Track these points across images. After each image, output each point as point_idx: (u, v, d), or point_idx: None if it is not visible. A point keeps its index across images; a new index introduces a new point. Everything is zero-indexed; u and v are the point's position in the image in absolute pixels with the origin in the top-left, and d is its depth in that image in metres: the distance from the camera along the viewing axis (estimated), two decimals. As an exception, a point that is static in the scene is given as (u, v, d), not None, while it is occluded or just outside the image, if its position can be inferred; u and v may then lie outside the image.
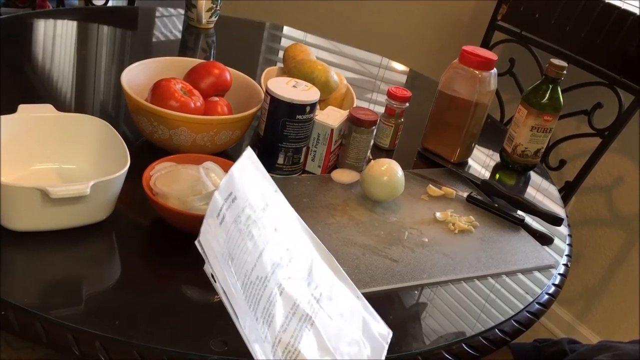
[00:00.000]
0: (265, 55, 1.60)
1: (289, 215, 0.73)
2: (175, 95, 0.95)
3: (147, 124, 0.94)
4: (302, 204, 0.96)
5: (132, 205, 0.87)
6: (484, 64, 1.11)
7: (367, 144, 1.07)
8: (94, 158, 0.88)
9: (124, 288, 0.76)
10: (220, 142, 0.97)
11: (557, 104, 1.18)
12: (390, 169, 0.99)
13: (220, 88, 1.04)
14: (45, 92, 1.15)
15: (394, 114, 1.16)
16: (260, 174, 0.71)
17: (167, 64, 1.08)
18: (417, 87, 1.59)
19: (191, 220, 0.81)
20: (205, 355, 0.67)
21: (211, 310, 0.76)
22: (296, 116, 0.96)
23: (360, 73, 1.64)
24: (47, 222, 0.77)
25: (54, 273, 0.75)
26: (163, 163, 0.87)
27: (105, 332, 0.67)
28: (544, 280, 0.93)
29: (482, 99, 1.13)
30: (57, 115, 0.88)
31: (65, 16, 1.51)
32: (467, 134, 1.17)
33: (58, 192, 0.73)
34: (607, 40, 1.53)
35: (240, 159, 0.67)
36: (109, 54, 1.37)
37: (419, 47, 2.13)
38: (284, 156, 1.00)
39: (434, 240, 0.95)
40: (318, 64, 1.13)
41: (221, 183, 0.63)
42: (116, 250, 0.82)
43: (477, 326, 0.81)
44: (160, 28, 1.56)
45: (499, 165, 1.26)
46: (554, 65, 1.16)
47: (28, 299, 0.69)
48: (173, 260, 0.82)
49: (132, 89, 0.96)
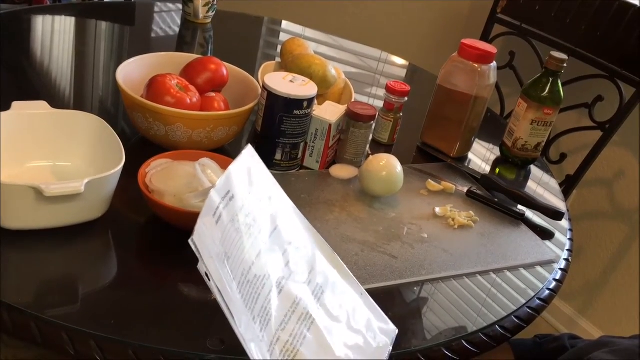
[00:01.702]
0: (263, 50, 1.59)
1: (290, 213, 0.72)
2: (171, 91, 0.94)
3: (143, 120, 0.94)
4: (300, 200, 0.95)
5: (128, 203, 0.86)
6: (484, 57, 1.10)
7: (365, 139, 1.06)
8: (89, 155, 0.87)
9: (120, 287, 0.75)
10: (217, 139, 0.96)
11: (558, 97, 1.17)
12: (389, 164, 0.98)
13: (217, 84, 1.03)
14: (42, 88, 1.14)
15: (392, 108, 1.15)
16: (260, 172, 0.70)
17: (164, 59, 1.07)
18: (416, 81, 1.58)
19: (187, 218, 0.80)
20: (202, 354, 0.66)
21: (208, 308, 0.75)
22: (293, 111, 0.96)
23: (359, 67, 1.63)
24: (42, 221, 0.76)
25: (48, 272, 0.74)
26: (159, 160, 0.87)
27: (101, 332, 0.66)
28: (544, 275, 0.92)
29: (481, 93, 1.12)
30: (52, 112, 0.88)
31: (63, 12, 1.50)
32: (467, 128, 1.16)
33: (52, 191, 0.72)
34: (607, 33, 1.52)
35: (240, 156, 0.67)
36: (106, 50, 1.36)
37: (418, 41, 2.12)
38: (282, 152, 0.99)
39: (434, 236, 0.94)
40: (316, 58, 1.12)
41: (218, 181, 0.63)
42: (112, 249, 0.82)
43: (477, 322, 0.80)
44: (159, 23, 1.56)
45: (499, 160, 1.25)
46: (554, 58, 1.15)
47: (22, 299, 0.68)
48: (169, 258, 0.81)
49: (128, 84, 0.95)
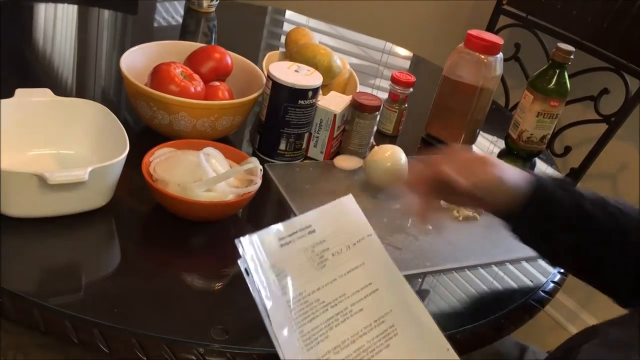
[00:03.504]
0: (267, 40, 1.58)
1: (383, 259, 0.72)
2: (175, 80, 0.93)
3: (147, 109, 0.93)
4: (304, 191, 0.94)
5: (132, 192, 0.86)
6: (490, 48, 1.10)
7: (370, 130, 1.05)
8: (92, 143, 0.87)
9: (123, 275, 0.75)
10: (221, 128, 0.96)
11: (564, 90, 1.16)
12: (393, 155, 0.97)
13: (221, 73, 1.03)
14: (45, 76, 1.13)
15: (397, 99, 1.14)
16: (357, 216, 0.73)
17: (168, 48, 1.07)
18: (421, 73, 1.57)
19: (191, 207, 0.80)
20: (206, 343, 0.66)
21: (212, 298, 0.75)
22: (298, 101, 0.95)
23: (363, 58, 1.62)
24: (45, 209, 0.76)
25: (52, 260, 0.74)
26: (163, 149, 0.86)
27: (104, 320, 0.66)
28: (549, 269, 0.92)
29: (487, 84, 1.12)
30: (55, 99, 0.87)
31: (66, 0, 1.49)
32: (472, 120, 1.15)
33: (56, 178, 0.72)
34: (614, 25, 1.51)
35: (336, 201, 0.72)
36: (109, 39, 1.35)
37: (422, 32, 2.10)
38: (286, 142, 0.98)
39: (439, 228, 0.93)
40: (321, 48, 1.11)
41: (302, 216, 0.68)
42: (115, 237, 0.81)
43: (481, 314, 0.80)
44: (161, 12, 1.55)
45: (503, 152, 1.25)
46: (561, 49, 1.14)
47: (26, 286, 0.68)
48: (173, 247, 0.81)
49: (131, 73, 0.94)
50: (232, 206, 0.83)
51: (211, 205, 0.81)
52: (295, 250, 0.66)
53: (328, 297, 0.65)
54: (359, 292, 0.67)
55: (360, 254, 0.70)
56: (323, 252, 0.68)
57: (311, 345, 0.62)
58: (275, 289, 0.63)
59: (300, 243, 0.67)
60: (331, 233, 0.69)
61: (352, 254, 0.69)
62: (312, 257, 0.67)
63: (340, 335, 0.64)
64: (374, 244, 0.72)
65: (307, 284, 0.65)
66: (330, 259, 0.68)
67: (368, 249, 0.71)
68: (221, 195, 0.81)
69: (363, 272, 0.69)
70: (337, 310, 0.65)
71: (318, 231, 0.68)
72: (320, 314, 0.64)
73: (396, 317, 0.67)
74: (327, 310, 0.65)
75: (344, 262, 0.68)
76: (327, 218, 0.70)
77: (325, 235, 0.68)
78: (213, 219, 0.84)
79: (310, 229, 0.68)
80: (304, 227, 0.68)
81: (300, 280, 0.65)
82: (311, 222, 0.68)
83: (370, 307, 0.67)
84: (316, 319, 0.64)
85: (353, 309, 0.66)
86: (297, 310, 0.63)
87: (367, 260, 0.70)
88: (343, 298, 0.66)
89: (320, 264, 0.67)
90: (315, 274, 0.66)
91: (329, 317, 0.64)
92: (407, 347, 0.66)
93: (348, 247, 0.69)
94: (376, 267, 0.70)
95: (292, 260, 0.66)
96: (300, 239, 0.67)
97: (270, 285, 0.63)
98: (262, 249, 0.65)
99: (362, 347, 0.64)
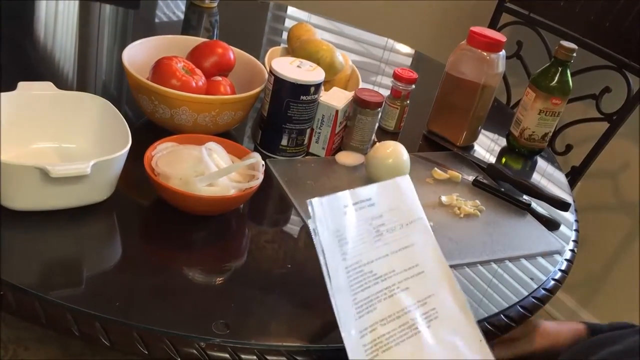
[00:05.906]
0: (268, 36, 1.58)
1: (431, 244, 0.74)
2: (176, 74, 0.93)
3: (148, 103, 0.93)
4: (305, 187, 0.94)
5: (133, 186, 0.86)
6: (493, 45, 1.10)
7: (372, 126, 1.05)
8: (94, 137, 0.87)
9: (125, 269, 0.75)
10: (223, 123, 0.96)
11: (566, 87, 1.16)
12: (395, 152, 0.97)
13: (224, 67, 1.02)
14: (46, 70, 1.13)
15: (399, 95, 1.14)
16: (411, 198, 0.75)
17: (170, 42, 1.07)
18: (422, 69, 1.57)
19: (193, 201, 0.80)
20: (207, 337, 0.66)
21: (213, 292, 0.75)
22: (300, 97, 0.95)
23: (364, 55, 1.62)
24: (47, 202, 0.76)
25: (53, 253, 0.74)
26: (165, 143, 0.86)
27: (105, 313, 0.66)
28: (549, 266, 0.92)
29: (489, 82, 1.12)
30: (58, 93, 0.87)
31: (67, -6, 1.49)
32: (474, 117, 1.15)
33: (58, 172, 0.72)
34: (616, 23, 1.51)
35: (394, 179, 0.74)
36: (110, 33, 1.35)
37: (424, 29, 2.10)
38: (288, 138, 0.98)
39: (439, 225, 0.93)
40: (323, 44, 1.11)
41: (366, 187, 0.70)
42: (117, 231, 0.81)
43: (482, 311, 0.80)
44: (163, 7, 1.54)
45: (505, 149, 1.25)
46: (563, 47, 1.14)
47: (27, 279, 0.68)
48: (174, 241, 0.81)
49: (133, 67, 0.94)
50: (233, 201, 0.83)
51: (213, 200, 0.81)
52: (356, 219, 0.69)
53: (380, 270, 0.68)
54: (406, 271, 0.70)
55: (411, 234, 0.72)
56: (379, 227, 0.70)
57: (362, 313, 0.65)
58: (338, 253, 0.66)
59: (362, 214, 0.69)
60: (388, 210, 0.71)
61: (404, 233, 0.72)
62: (369, 230, 0.69)
63: (386, 310, 0.66)
64: (424, 227, 0.74)
65: (363, 254, 0.68)
66: (385, 234, 0.70)
67: (419, 231, 0.73)
68: (223, 190, 0.81)
69: (412, 252, 0.71)
70: (386, 284, 0.67)
71: (377, 205, 0.71)
72: (372, 286, 0.67)
73: (438, 301, 0.70)
74: (377, 283, 0.67)
75: (396, 240, 0.71)
76: (386, 194, 0.72)
77: (383, 210, 0.71)
78: (214, 213, 0.84)
79: (371, 202, 0.70)
80: (366, 198, 0.70)
81: (357, 249, 0.67)
82: (372, 195, 0.71)
83: (415, 287, 0.69)
84: (368, 289, 0.66)
85: (400, 286, 0.68)
86: (353, 277, 0.66)
87: (416, 241, 0.72)
88: (392, 274, 0.68)
89: (376, 237, 0.69)
90: (371, 247, 0.69)
91: (379, 290, 0.67)
92: (446, 331, 0.68)
93: (401, 225, 0.72)
94: (424, 250, 0.72)
95: (353, 229, 0.68)
96: (361, 210, 0.69)
97: (334, 249, 0.66)
98: (329, 213, 0.67)
99: (407, 323, 0.66)
